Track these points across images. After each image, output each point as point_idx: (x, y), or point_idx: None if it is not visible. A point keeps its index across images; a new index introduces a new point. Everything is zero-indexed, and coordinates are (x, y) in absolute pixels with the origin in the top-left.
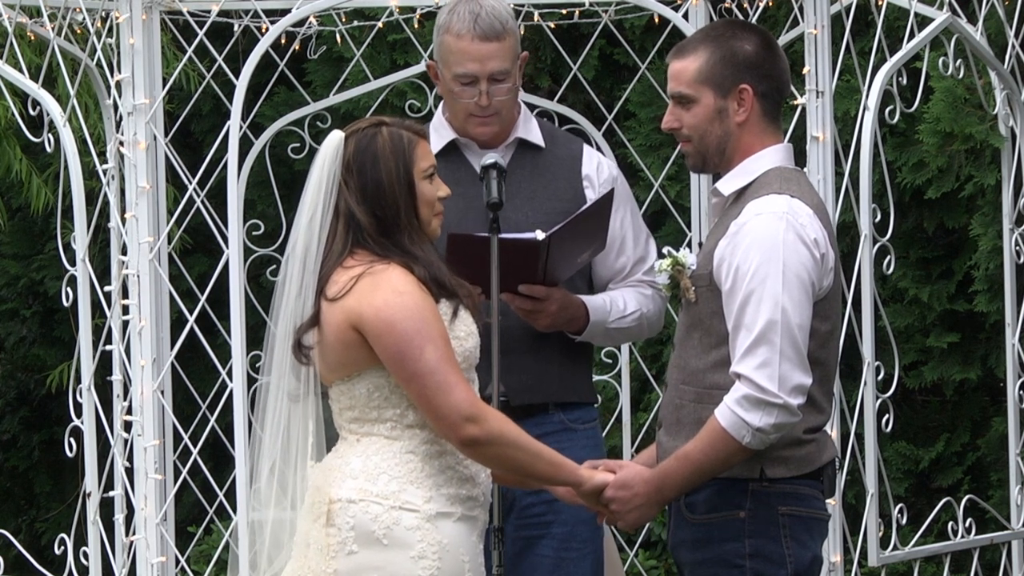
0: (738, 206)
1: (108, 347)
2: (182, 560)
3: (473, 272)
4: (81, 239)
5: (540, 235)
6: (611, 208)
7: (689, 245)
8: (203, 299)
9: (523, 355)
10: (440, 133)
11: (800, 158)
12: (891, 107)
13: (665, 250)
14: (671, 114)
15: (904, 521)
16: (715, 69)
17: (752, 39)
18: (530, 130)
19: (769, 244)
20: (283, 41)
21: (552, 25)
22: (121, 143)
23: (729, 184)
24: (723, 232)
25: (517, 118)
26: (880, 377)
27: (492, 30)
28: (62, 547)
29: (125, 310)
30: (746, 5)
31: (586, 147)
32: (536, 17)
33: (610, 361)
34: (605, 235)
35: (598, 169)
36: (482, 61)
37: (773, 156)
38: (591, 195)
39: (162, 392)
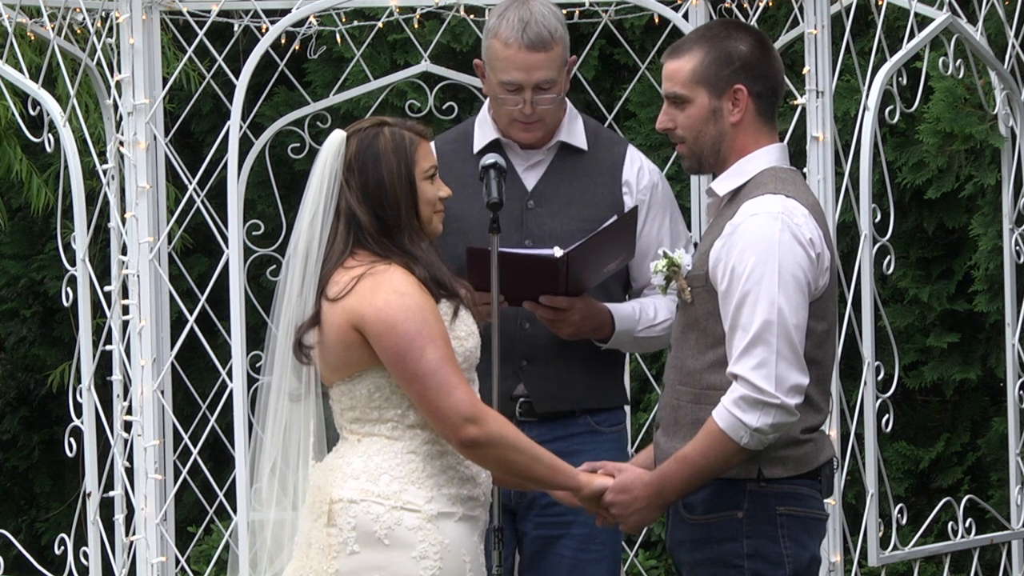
0: (733, 206)
1: (108, 347)
2: (182, 560)
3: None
4: (81, 239)
5: (558, 252)
6: (636, 224)
7: (687, 246)
8: (203, 299)
9: (549, 363)
10: (484, 131)
11: (800, 158)
12: (891, 107)
13: (661, 251)
14: (665, 114)
15: (904, 521)
16: (709, 69)
17: (747, 39)
18: (573, 132)
19: (765, 244)
20: (283, 41)
21: None
22: (121, 143)
23: (724, 184)
24: (718, 232)
25: (563, 118)
26: (880, 377)
27: (540, 39)
28: (62, 547)
29: (125, 310)
30: (746, 5)
31: (630, 149)
32: None
33: None
34: (632, 246)
35: (638, 175)
36: (528, 71)
37: (768, 156)
38: (629, 202)
39: (162, 392)
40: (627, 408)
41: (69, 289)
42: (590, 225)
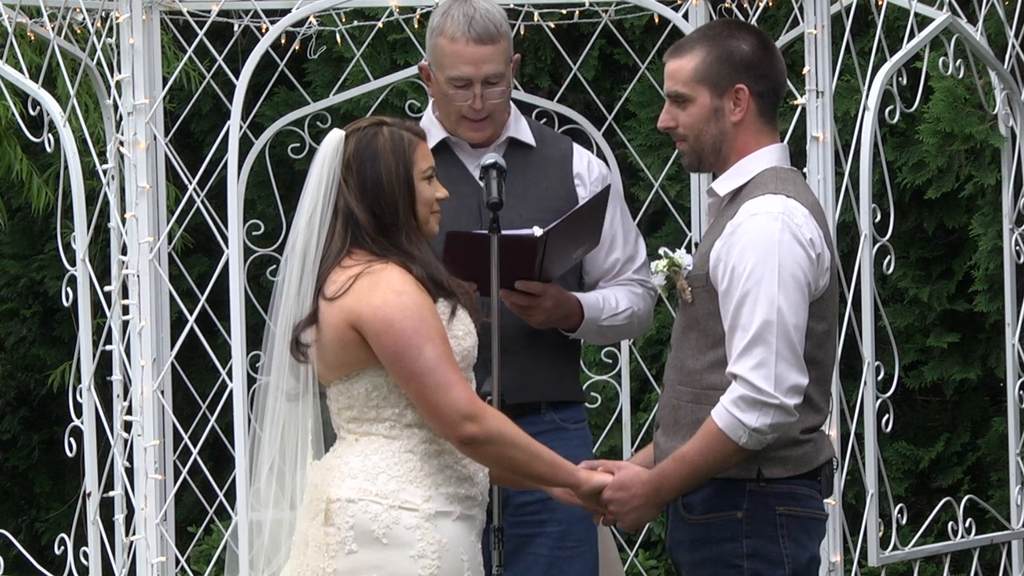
0: (734, 206)
1: (108, 347)
2: (182, 560)
3: (470, 270)
4: (81, 239)
5: (538, 231)
6: (607, 205)
7: (688, 246)
8: (203, 299)
9: (517, 353)
10: (431, 132)
11: (800, 158)
12: (891, 107)
13: (661, 251)
14: (667, 113)
15: (904, 521)
16: (711, 68)
17: (749, 39)
18: (520, 129)
19: (765, 244)
20: (283, 41)
21: (552, 25)
22: (121, 143)
23: (725, 184)
24: (719, 232)
25: (508, 118)
26: (880, 377)
27: (486, 33)
28: (62, 547)
29: (125, 310)
30: (746, 5)
31: (576, 146)
32: (536, 17)
33: (610, 361)
34: (599, 232)
35: (588, 167)
36: (476, 64)
37: (769, 156)
38: (582, 193)
39: (162, 392)
40: (584, 407)
41: (69, 289)
42: (547, 216)
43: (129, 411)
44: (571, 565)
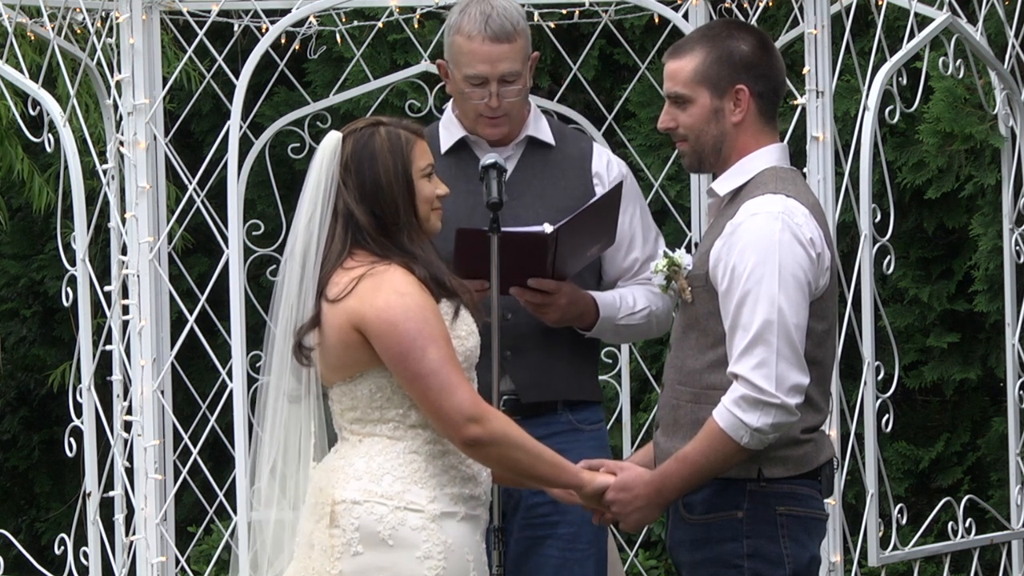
0: (734, 206)
1: (108, 347)
2: (182, 560)
3: (480, 267)
4: (81, 239)
5: (548, 228)
6: (620, 201)
7: (688, 246)
8: (203, 299)
9: (533, 351)
10: (450, 131)
11: (800, 158)
12: (891, 107)
13: (661, 251)
14: (667, 114)
15: (904, 521)
16: (711, 69)
17: (748, 39)
18: (540, 128)
19: (765, 244)
20: (283, 41)
21: (552, 25)
22: (121, 143)
23: (725, 184)
24: (719, 232)
25: (527, 116)
26: (880, 377)
27: (503, 31)
28: (62, 547)
29: (125, 310)
30: (746, 5)
31: (596, 145)
32: (536, 17)
33: (610, 361)
34: (614, 229)
35: (608, 167)
36: (492, 63)
37: (769, 156)
38: (601, 192)
39: (162, 392)
40: (602, 407)
41: (69, 289)
42: (566, 215)
43: (129, 411)
44: (581, 567)
